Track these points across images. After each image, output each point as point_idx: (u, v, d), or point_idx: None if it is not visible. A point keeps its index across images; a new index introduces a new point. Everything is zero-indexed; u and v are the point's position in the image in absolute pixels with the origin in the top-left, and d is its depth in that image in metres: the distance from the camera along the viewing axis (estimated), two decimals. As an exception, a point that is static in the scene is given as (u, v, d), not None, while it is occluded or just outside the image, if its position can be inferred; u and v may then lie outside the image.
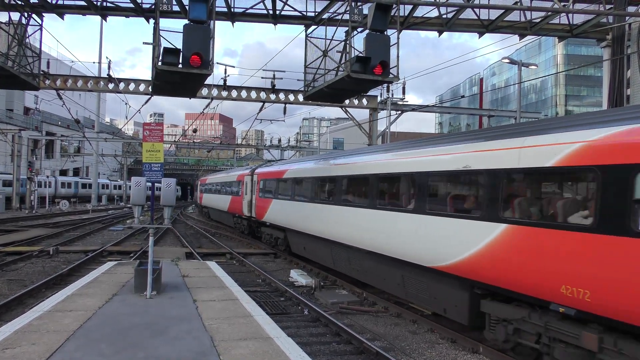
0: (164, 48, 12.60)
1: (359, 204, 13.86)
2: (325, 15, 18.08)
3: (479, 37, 20.53)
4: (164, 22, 31.02)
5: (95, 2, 18.69)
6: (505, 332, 8.60)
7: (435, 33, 20.62)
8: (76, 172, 79.85)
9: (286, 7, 19.24)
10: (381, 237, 12.08)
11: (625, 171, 6.36)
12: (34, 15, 17.66)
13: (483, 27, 19.89)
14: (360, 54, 13.49)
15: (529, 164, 7.89)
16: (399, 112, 30.46)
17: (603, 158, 6.70)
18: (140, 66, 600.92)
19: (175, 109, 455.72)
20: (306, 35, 16.46)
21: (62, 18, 19.18)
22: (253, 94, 25.91)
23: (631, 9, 17.70)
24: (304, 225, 17.95)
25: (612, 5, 17.54)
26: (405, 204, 11.50)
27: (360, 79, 13.32)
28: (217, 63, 35.18)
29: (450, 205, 9.89)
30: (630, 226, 6.19)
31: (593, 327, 6.96)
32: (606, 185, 6.63)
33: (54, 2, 18.51)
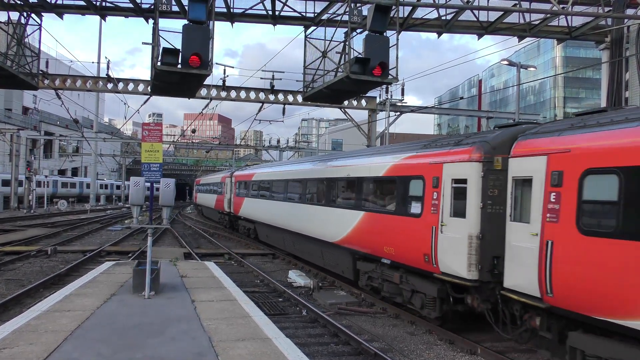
0: (163, 48, 12.60)
1: (296, 200, 18.85)
2: (325, 16, 18.08)
3: (478, 39, 20.56)
4: (163, 22, 30.89)
5: (94, 2, 18.67)
6: (365, 280, 13.55)
7: (435, 34, 20.66)
8: (75, 172, 79.65)
9: (285, 8, 19.25)
10: (309, 224, 17.18)
11: (405, 180, 11.60)
12: (33, 15, 17.64)
13: (482, 29, 19.90)
14: (360, 55, 13.50)
15: (373, 174, 13.19)
16: (398, 113, 30.47)
17: (397, 172, 12.04)
18: (140, 66, 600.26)
19: (174, 109, 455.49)
20: (305, 36, 16.47)
21: (61, 18, 19.17)
22: (252, 95, 25.90)
23: (630, 11, 17.74)
24: (265, 217, 23.00)
25: (611, 8, 17.58)
26: (320, 200, 16.73)
27: (359, 80, 13.33)
28: (217, 63, 35.22)
29: (340, 200, 15.24)
30: (407, 210, 11.35)
31: (400, 270, 11.76)
32: (399, 187, 11.85)
33: (53, 1, 18.49)
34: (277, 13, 19.34)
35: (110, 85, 24.98)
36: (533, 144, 8.43)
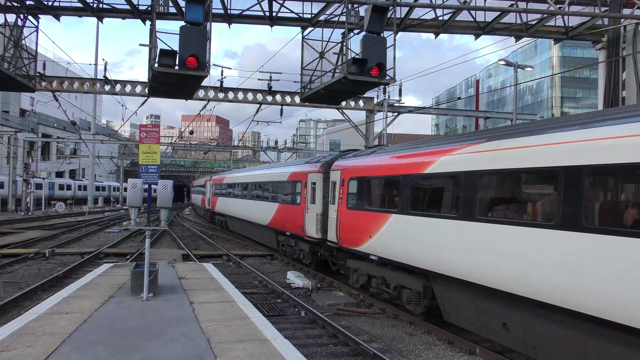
0: (161, 50, 12.59)
1: (247, 198, 26.32)
2: (322, 17, 18.09)
3: (475, 39, 20.59)
4: (161, 24, 30.77)
5: (91, 4, 18.65)
6: (280, 246, 20.94)
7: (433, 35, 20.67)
8: (72, 174, 79.46)
9: (283, 9, 19.25)
10: (254, 214, 24.38)
11: (294, 182, 18.75)
12: (30, 17, 17.62)
13: (479, 29, 19.94)
14: (357, 56, 13.51)
15: (282, 179, 20.16)
16: (396, 113, 30.48)
17: (291, 177, 19.08)
18: (139, 67, 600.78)
19: (173, 111, 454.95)
20: (303, 37, 16.46)
21: (58, 20, 19.15)
22: (250, 96, 25.89)
23: (626, 11, 17.78)
24: (230, 211, 30.58)
25: (608, 8, 17.62)
26: (258, 197, 24.11)
27: (356, 80, 13.33)
28: (214, 65, 35.17)
29: (268, 196, 22.25)
30: (294, 201, 18.33)
31: (295, 238, 18.57)
32: (292, 187, 18.93)
33: (50, 3, 18.46)
34: (274, 14, 19.34)
35: (107, 87, 24.93)
36: (338, 164, 15.52)
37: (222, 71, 25.59)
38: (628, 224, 6.39)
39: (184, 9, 12.80)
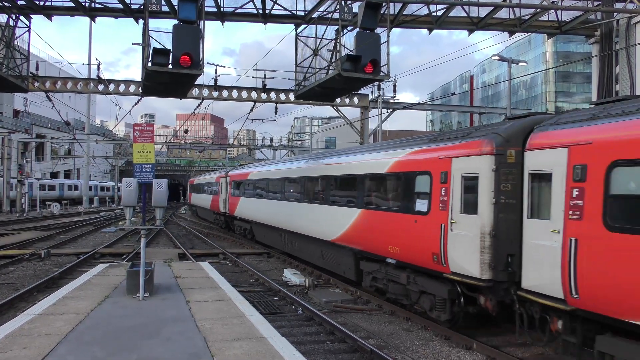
0: (154, 48, 12.53)
1: (202, 192, 40.65)
2: (316, 14, 18.02)
3: (469, 35, 20.61)
4: (154, 23, 30.96)
5: (83, 3, 18.52)
6: (214, 219, 36.73)
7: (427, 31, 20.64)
8: (67, 174, 79.16)
9: (276, 6, 19.13)
10: (204, 202, 39.61)
11: (217, 182, 33.22)
12: (21, 17, 17.50)
13: (473, 25, 19.93)
14: (351, 53, 13.49)
15: (213, 180, 35.71)
16: (390, 110, 30.50)
17: (216, 180, 33.67)
18: (135, 66, 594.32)
19: (168, 110, 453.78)
20: (296, 34, 16.43)
21: (50, 19, 19.00)
22: (244, 94, 25.82)
23: (619, 5, 17.82)
24: (198, 203, 44.22)
25: (600, 2, 17.66)
26: (210, 192, 36.51)
27: (351, 77, 13.32)
28: (208, 63, 35.05)
29: (209, 191, 37.09)
30: (217, 193, 32.71)
31: (218, 215, 34.32)
32: (216, 185, 33.29)
33: (41, 3, 18.33)
34: (267, 11, 19.25)
35: (101, 87, 24.81)
36: (230, 173, 30.06)
37: (216, 69, 25.42)
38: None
39: (176, 7, 12.74)
